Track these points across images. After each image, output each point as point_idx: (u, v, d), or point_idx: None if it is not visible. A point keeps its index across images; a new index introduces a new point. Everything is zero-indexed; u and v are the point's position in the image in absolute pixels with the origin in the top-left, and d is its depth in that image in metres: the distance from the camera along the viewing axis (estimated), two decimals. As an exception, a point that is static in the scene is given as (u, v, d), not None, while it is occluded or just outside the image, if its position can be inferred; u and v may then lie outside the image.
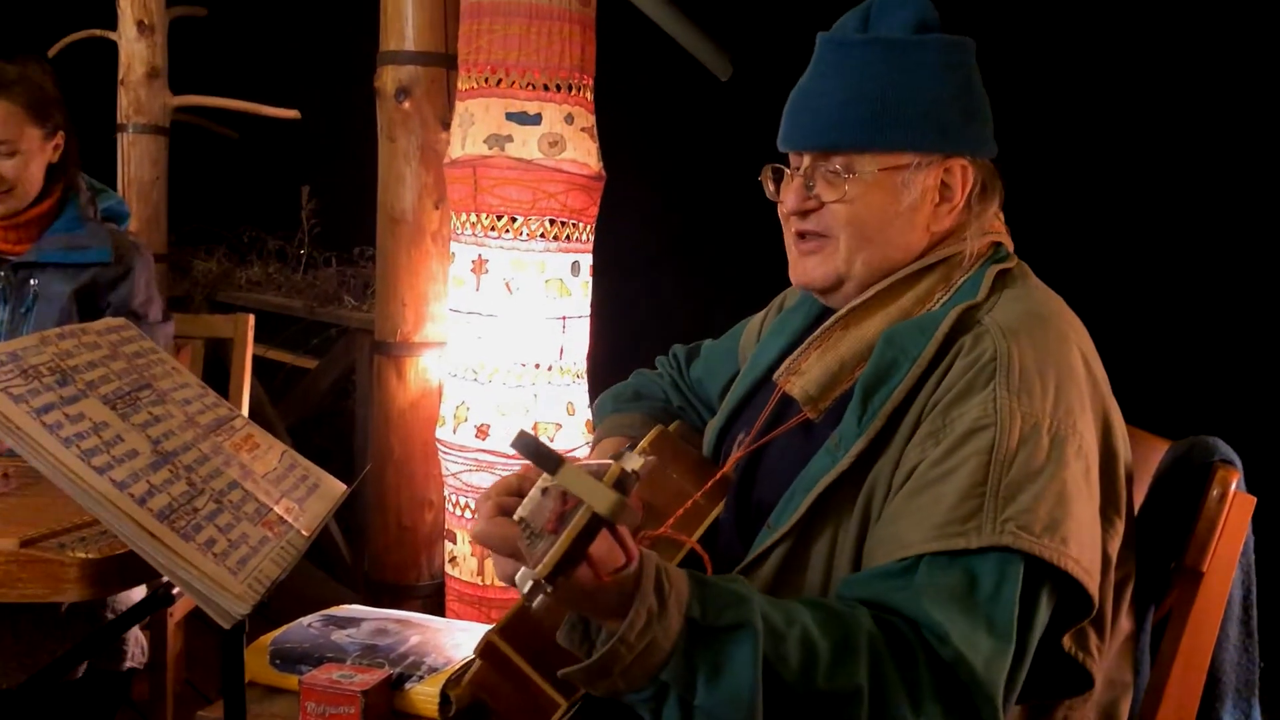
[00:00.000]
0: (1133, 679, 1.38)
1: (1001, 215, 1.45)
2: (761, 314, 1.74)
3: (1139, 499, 1.49)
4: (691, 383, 1.80)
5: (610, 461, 1.01)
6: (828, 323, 1.40)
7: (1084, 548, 1.20)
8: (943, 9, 1.40)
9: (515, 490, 1.19)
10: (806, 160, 1.40)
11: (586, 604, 1.07)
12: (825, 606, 1.17)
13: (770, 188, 1.47)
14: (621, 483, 0.99)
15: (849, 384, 1.35)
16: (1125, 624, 1.36)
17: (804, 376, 1.37)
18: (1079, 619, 1.24)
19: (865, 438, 1.27)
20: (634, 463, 1.02)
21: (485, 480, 2.54)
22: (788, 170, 1.43)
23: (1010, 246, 1.44)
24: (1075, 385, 1.26)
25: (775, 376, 1.41)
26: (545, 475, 1.03)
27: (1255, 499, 1.39)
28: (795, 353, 1.41)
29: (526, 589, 0.94)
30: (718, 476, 1.43)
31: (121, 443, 1.41)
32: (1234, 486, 1.38)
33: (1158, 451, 1.51)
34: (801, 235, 1.42)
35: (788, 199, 1.41)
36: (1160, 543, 1.44)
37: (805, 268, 1.43)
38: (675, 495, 1.40)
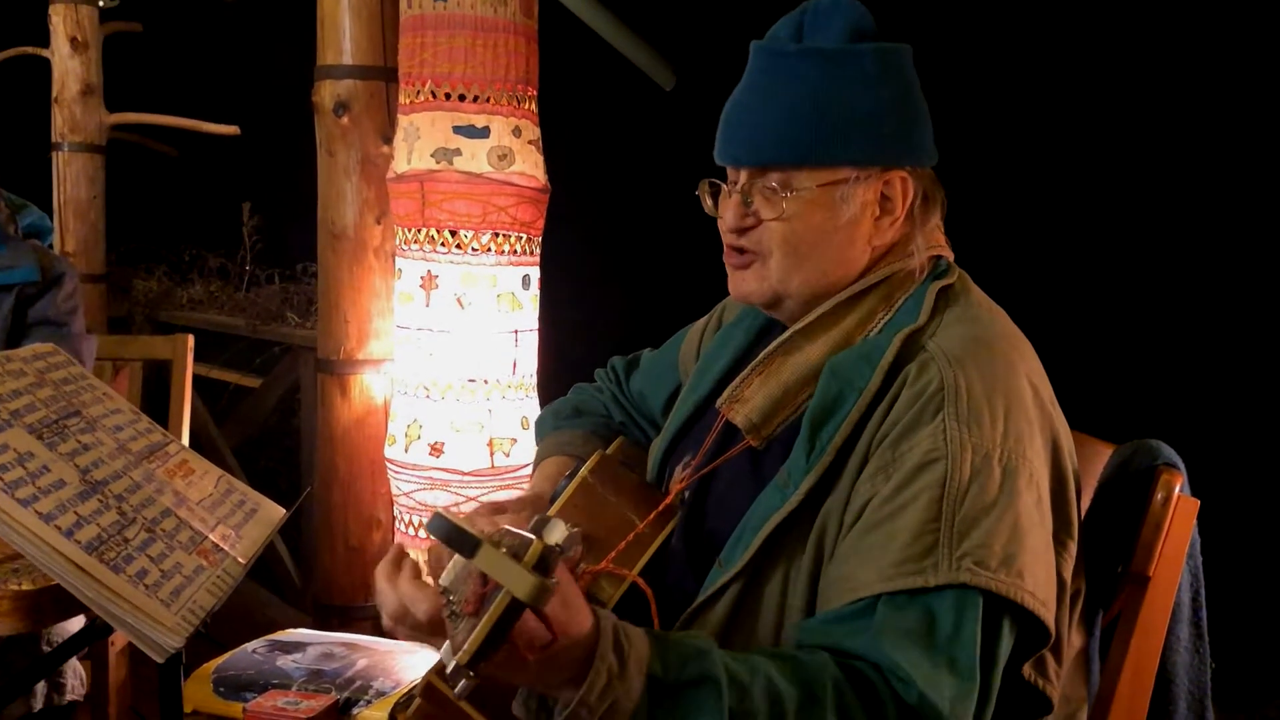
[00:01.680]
0: (1085, 692, 1.38)
1: (942, 225, 1.42)
2: (702, 322, 1.71)
3: (1084, 504, 1.49)
4: (633, 397, 1.77)
5: (531, 536, 0.97)
6: (770, 348, 1.37)
7: (1039, 580, 1.18)
8: (880, 13, 1.38)
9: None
10: (744, 176, 1.36)
11: (527, 676, 1.04)
12: (787, 655, 1.15)
13: (708, 203, 1.43)
14: (544, 561, 0.96)
15: (793, 410, 1.32)
16: (1077, 639, 1.35)
17: (747, 404, 1.34)
18: (1037, 648, 1.23)
19: (814, 473, 1.24)
20: (556, 535, 0.99)
21: (440, 499, 2.51)
22: (725, 185, 1.40)
23: (950, 256, 1.41)
24: (1023, 411, 1.24)
25: (718, 404, 1.37)
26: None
27: (1199, 502, 1.39)
28: (737, 379, 1.37)
29: (449, 672, 0.93)
30: (661, 507, 1.40)
31: (48, 473, 1.37)
32: (1178, 490, 1.38)
33: (1101, 456, 1.51)
34: (738, 250, 1.39)
35: (726, 215, 1.38)
36: (1106, 548, 1.43)
37: (740, 282, 1.40)
38: (617, 524, 1.37)
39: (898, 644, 1.12)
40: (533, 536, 0.97)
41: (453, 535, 0.95)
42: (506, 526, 1.02)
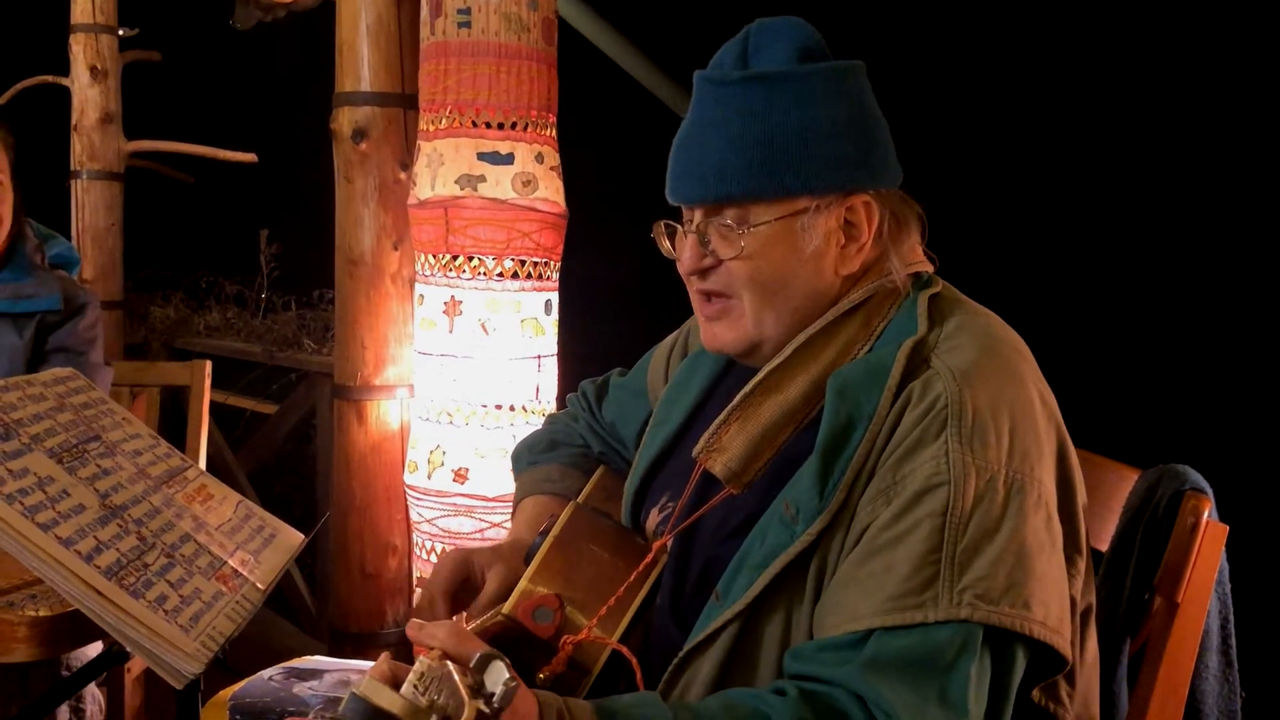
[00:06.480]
0: (1099, 712, 1.34)
1: (922, 242, 1.36)
2: (669, 342, 1.65)
3: (1110, 529, 1.47)
4: (607, 426, 1.72)
5: (464, 696, 0.94)
6: (746, 389, 1.29)
7: (1050, 606, 1.14)
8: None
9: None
10: (698, 214, 1.31)
11: None
12: (745, 701, 1.12)
13: (665, 244, 1.38)
14: None
15: (775, 451, 1.27)
16: (1091, 650, 1.30)
17: (726, 453, 1.27)
18: (1050, 673, 1.19)
19: (828, 513, 1.19)
20: (492, 680, 0.95)
21: (464, 525, 2.51)
22: (680, 226, 1.34)
23: (931, 269, 1.35)
24: (1031, 426, 1.19)
25: (695, 453, 1.30)
26: (420, 661, 1.00)
27: (1228, 527, 1.38)
28: (714, 425, 1.29)
29: None
30: (643, 565, 1.36)
31: (68, 498, 1.36)
32: (1206, 515, 1.36)
33: (1128, 481, 1.49)
34: (706, 296, 1.34)
35: (684, 258, 1.33)
36: (1134, 574, 1.42)
37: (715, 333, 1.34)
38: (597, 580, 1.34)
39: (885, 676, 1.09)
40: (464, 695, 0.93)
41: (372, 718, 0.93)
42: (446, 667, 0.98)
